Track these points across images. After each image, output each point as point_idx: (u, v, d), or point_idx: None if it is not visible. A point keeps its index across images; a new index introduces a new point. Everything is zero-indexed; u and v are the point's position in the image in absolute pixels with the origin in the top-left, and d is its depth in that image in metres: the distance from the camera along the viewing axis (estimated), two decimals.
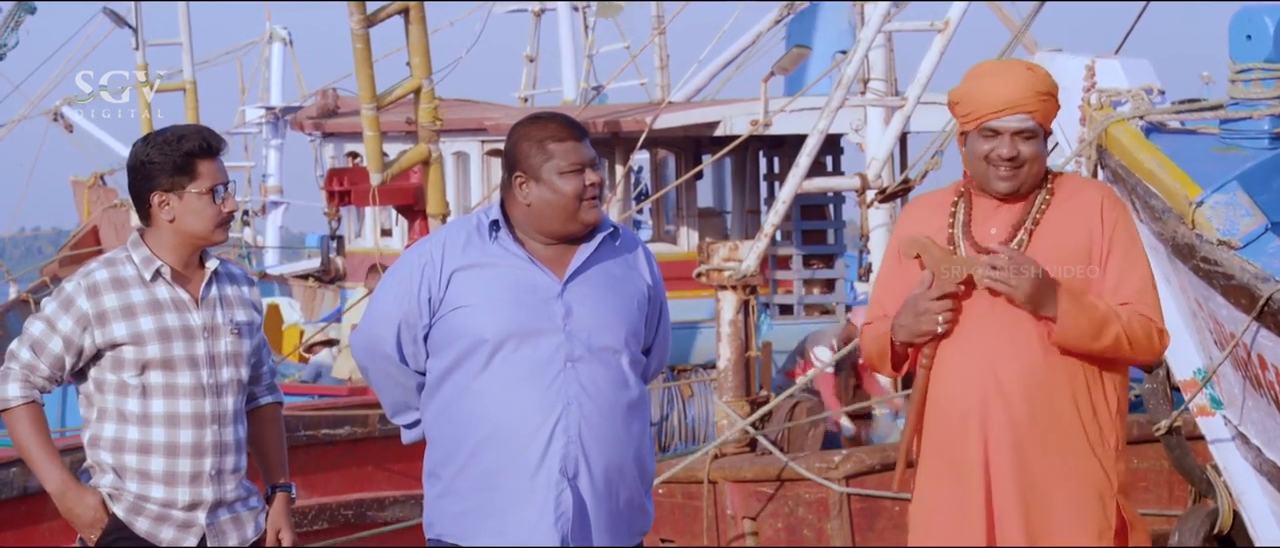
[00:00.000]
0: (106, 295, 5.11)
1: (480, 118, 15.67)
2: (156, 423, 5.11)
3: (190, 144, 5.14)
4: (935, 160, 11.13)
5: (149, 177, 5.15)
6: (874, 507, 10.13)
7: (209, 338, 5.17)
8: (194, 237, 5.16)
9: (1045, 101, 5.09)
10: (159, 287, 5.15)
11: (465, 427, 5.13)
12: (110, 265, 5.17)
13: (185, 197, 5.13)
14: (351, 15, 12.18)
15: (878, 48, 12.44)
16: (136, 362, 5.10)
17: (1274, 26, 7.07)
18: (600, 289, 5.16)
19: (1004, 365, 5.03)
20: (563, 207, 5.13)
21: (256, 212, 25.62)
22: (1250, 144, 7.16)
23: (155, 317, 5.12)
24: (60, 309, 5.12)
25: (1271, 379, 6.55)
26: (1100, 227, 5.06)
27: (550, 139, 5.14)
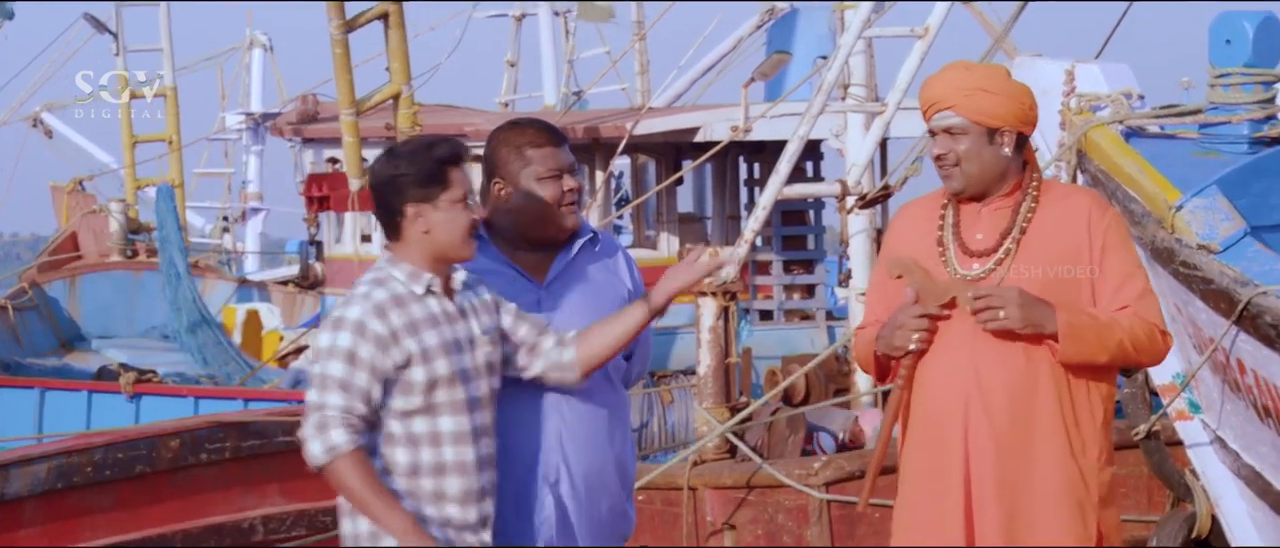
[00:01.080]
0: (392, 313, 4.85)
1: (460, 123, 15.66)
2: (447, 442, 4.89)
3: (441, 151, 4.88)
4: (915, 166, 11.13)
5: (400, 189, 4.86)
6: (854, 514, 10.11)
7: (472, 349, 4.96)
8: (447, 248, 4.90)
9: (973, 96, 5.05)
10: (430, 301, 4.91)
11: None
12: (380, 284, 4.90)
13: (439, 206, 4.86)
14: (331, 20, 12.16)
15: (858, 53, 12.43)
16: (426, 381, 4.86)
17: (1253, 31, 7.08)
18: (580, 294, 5.15)
19: (987, 375, 5.02)
20: (541, 213, 5.12)
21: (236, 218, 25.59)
22: (1229, 149, 7.16)
23: (436, 331, 4.88)
24: (355, 337, 4.82)
25: (1250, 384, 6.55)
26: (1090, 233, 5.05)
27: (528, 145, 5.12)
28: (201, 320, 15.86)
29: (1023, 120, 5.09)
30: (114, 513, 9.69)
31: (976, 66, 5.18)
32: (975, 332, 5.02)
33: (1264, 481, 6.78)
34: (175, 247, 15.70)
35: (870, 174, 12.81)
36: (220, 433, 9.90)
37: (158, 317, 16.58)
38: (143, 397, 12.44)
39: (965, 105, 5.05)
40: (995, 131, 5.07)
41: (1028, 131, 5.12)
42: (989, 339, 5.01)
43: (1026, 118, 5.10)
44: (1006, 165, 5.08)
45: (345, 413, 4.80)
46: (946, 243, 5.13)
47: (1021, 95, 5.11)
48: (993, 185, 5.09)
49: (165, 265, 15.80)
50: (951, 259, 5.11)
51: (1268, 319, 6.20)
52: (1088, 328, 4.97)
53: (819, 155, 15.39)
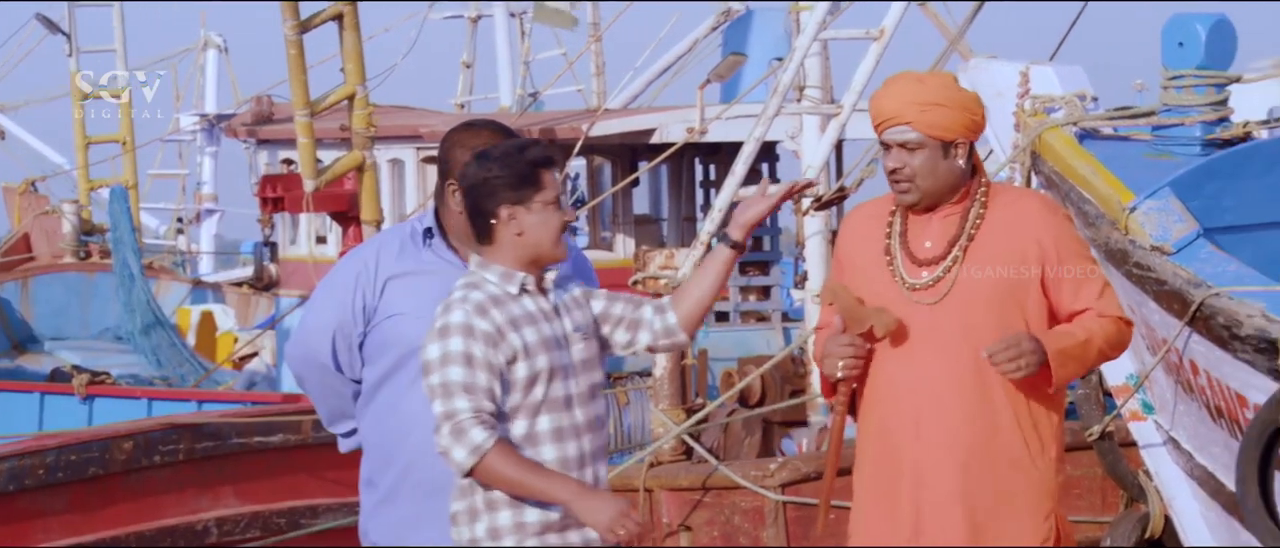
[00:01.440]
0: (494, 312, 4.83)
1: (416, 124, 15.62)
2: (545, 441, 4.87)
3: (533, 154, 4.86)
4: (871, 168, 11.13)
5: (493, 191, 4.84)
6: (810, 515, 10.12)
7: (569, 346, 4.93)
8: (540, 250, 4.88)
9: (926, 111, 5.03)
10: (526, 299, 4.89)
11: (402, 434, 5.10)
12: (474, 287, 4.87)
13: (533, 208, 4.85)
14: (285, 21, 12.11)
15: (814, 55, 12.44)
16: (527, 378, 4.83)
17: (1205, 33, 7.11)
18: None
19: (938, 384, 5.03)
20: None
21: (191, 219, 25.50)
22: (1182, 151, 7.19)
23: (535, 328, 4.85)
24: (465, 340, 4.79)
25: (1203, 385, 6.58)
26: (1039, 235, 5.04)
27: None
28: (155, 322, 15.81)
29: (974, 130, 5.09)
30: (67, 515, 9.65)
31: (928, 78, 5.15)
32: (925, 342, 5.03)
33: (1216, 481, 6.80)
34: (129, 248, 15.63)
35: (826, 176, 12.83)
36: (174, 435, 9.88)
37: (111, 318, 16.51)
38: (96, 399, 12.39)
39: (920, 120, 5.04)
40: (950, 144, 5.06)
41: (976, 139, 5.12)
42: (939, 349, 5.02)
43: (977, 127, 5.10)
44: (960, 176, 5.08)
45: (476, 413, 4.77)
46: (894, 252, 5.12)
47: (971, 105, 5.09)
48: (946, 196, 5.09)
49: (119, 267, 15.73)
50: (899, 268, 5.11)
51: (1220, 320, 6.23)
52: (1072, 353, 4.98)
53: (775, 157, 15.39)
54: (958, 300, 5.03)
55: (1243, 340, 6.20)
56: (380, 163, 15.53)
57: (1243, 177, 6.98)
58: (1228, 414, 6.52)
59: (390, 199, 15.63)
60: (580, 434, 4.91)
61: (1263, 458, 6.25)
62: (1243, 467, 6.30)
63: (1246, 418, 6.34)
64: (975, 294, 5.02)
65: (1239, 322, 6.20)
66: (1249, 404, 6.35)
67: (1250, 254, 6.72)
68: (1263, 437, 6.20)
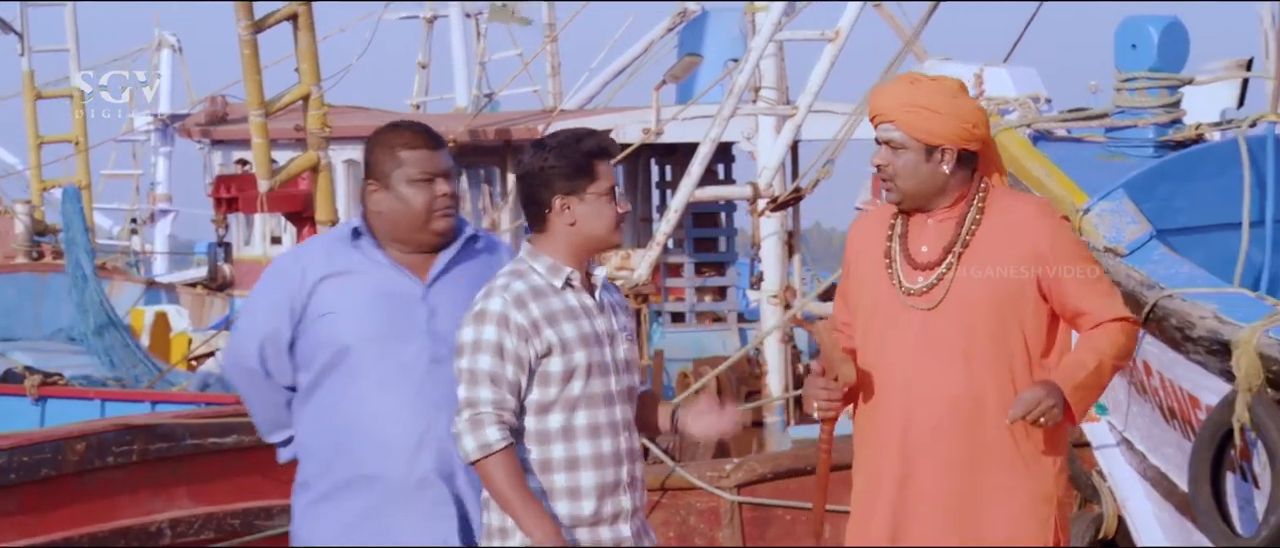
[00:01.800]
0: (532, 305, 4.86)
1: (371, 125, 15.54)
2: (581, 436, 4.90)
3: (589, 145, 4.90)
4: (826, 169, 11.16)
5: (547, 181, 4.88)
6: (766, 515, 10.13)
7: (611, 344, 4.97)
8: (594, 240, 4.93)
9: (914, 113, 5.03)
10: (569, 294, 4.93)
11: (337, 435, 5.08)
12: (518, 276, 4.91)
13: (586, 199, 4.90)
14: (239, 21, 12.06)
15: (769, 56, 12.46)
16: (563, 372, 4.86)
17: (1158, 35, 7.13)
18: (464, 290, 5.10)
19: (926, 391, 5.03)
20: (412, 216, 5.09)
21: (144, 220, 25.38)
22: (1135, 152, 7.21)
23: (574, 324, 4.89)
24: (499, 330, 4.83)
25: (1156, 386, 6.60)
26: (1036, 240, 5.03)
27: (403, 147, 5.08)
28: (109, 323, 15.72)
29: (966, 139, 5.05)
30: (19, 517, 9.58)
31: (925, 81, 5.15)
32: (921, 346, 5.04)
33: (1169, 482, 6.83)
34: (82, 249, 15.53)
35: (782, 177, 12.85)
36: (127, 436, 9.81)
37: (64, 319, 16.40)
38: (48, 399, 12.30)
39: (905, 121, 5.05)
40: (934, 149, 5.05)
41: (974, 148, 5.08)
42: (934, 353, 5.02)
43: (970, 136, 5.06)
44: (944, 183, 5.06)
45: (497, 408, 4.83)
46: (893, 255, 5.13)
47: (967, 115, 5.06)
48: (932, 200, 5.08)
49: (72, 267, 15.62)
50: (897, 271, 5.11)
51: (1173, 322, 6.26)
52: (1088, 384, 4.98)
53: (731, 158, 15.41)
54: (953, 305, 5.03)
55: (1195, 342, 6.23)
56: (335, 163, 15.48)
57: (1195, 178, 7.01)
58: (1180, 415, 6.55)
59: (346, 200, 15.60)
60: (618, 432, 4.95)
61: (1214, 459, 6.28)
62: (1195, 468, 6.32)
63: (1199, 419, 6.37)
64: (970, 299, 5.02)
65: (1192, 323, 6.22)
66: (1201, 405, 6.38)
67: (1203, 256, 6.74)
68: (1214, 438, 6.23)
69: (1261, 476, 6.19)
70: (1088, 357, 5.00)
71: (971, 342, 5.01)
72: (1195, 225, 6.98)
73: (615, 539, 4.94)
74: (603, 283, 5.02)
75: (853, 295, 5.20)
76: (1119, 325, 5.04)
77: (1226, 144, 7.16)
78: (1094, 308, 5.03)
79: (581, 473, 4.91)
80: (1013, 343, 5.03)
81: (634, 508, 4.99)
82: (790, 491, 10.16)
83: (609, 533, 4.93)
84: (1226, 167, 7.05)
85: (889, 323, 5.08)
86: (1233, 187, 7.02)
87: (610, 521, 4.93)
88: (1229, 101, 8.30)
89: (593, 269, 5.01)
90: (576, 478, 4.91)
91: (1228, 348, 6.08)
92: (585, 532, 4.91)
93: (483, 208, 15.63)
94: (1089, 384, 4.99)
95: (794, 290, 13.15)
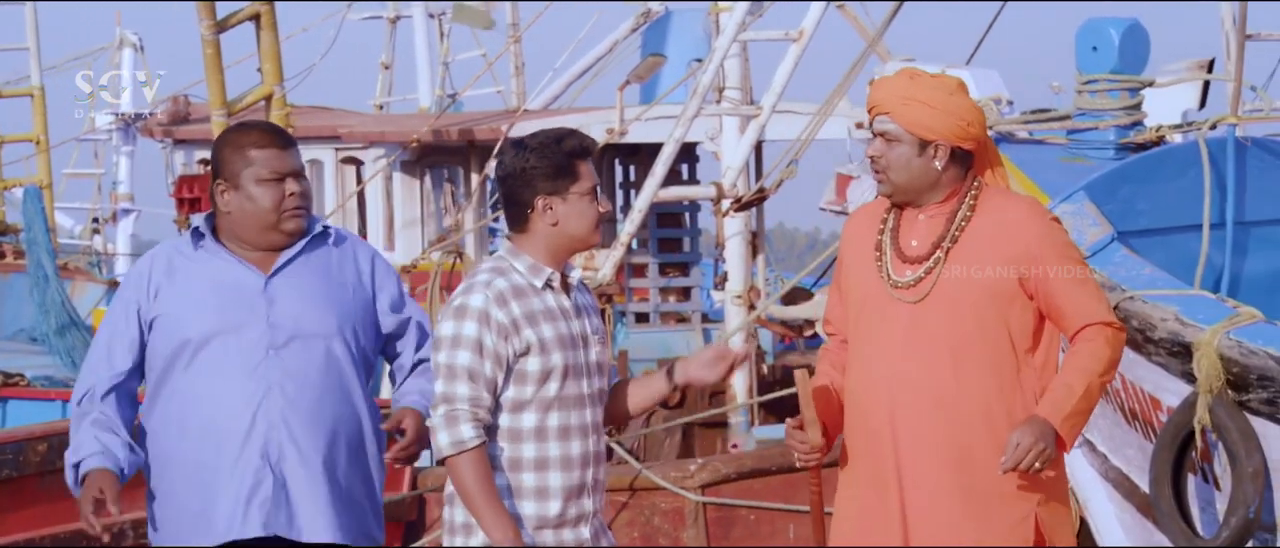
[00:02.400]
0: (513, 303, 4.87)
1: (334, 125, 15.53)
2: (552, 437, 4.91)
3: (570, 144, 4.93)
4: (790, 169, 11.16)
5: (529, 181, 4.91)
6: (730, 516, 10.14)
7: (585, 347, 4.99)
8: (575, 240, 4.95)
9: (908, 105, 5.05)
10: (548, 295, 4.94)
11: (174, 428, 5.08)
12: (500, 274, 4.92)
13: (568, 199, 4.92)
14: (201, 20, 12.01)
15: (733, 57, 12.45)
16: (540, 372, 4.88)
17: (1119, 38, 7.16)
18: (307, 280, 5.13)
19: (912, 385, 5.05)
20: (261, 215, 5.10)
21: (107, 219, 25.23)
22: (1097, 154, 7.24)
23: (553, 325, 4.91)
24: (480, 326, 4.83)
25: (1117, 387, 6.62)
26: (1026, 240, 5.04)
27: (252, 146, 5.09)
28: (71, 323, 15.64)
29: (960, 136, 5.07)
30: None
31: (924, 76, 5.17)
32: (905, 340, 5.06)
33: (1131, 483, 6.85)
34: (43, 248, 15.46)
35: (745, 177, 12.85)
36: None
37: (25, 320, 16.32)
38: (9, 400, 12.26)
39: (900, 113, 5.06)
40: (928, 144, 5.06)
41: (968, 147, 5.09)
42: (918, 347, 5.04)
43: (965, 135, 5.08)
44: (937, 178, 5.08)
45: (473, 405, 4.83)
46: (883, 248, 5.15)
47: (962, 112, 5.08)
48: (924, 194, 5.10)
49: (33, 267, 15.55)
50: (887, 265, 5.13)
51: (1135, 324, 6.28)
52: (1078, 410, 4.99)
53: (694, 158, 15.39)
54: (939, 300, 5.05)
55: (1156, 343, 6.25)
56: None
57: (1156, 180, 7.04)
58: (1142, 417, 6.57)
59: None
60: (587, 434, 4.97)
61: (1176, 461, 6.30)
62: (1156, 469, 6.35)
63: (1160, 421, 6.39)
64: (956, 295, 5.04)
65: (1153, 325, 6.24)
66: (1163, 407, 6.40)
67: (1164, 257, 6.78)
68: (1176, 439, 6.25)
69: (1222, 477, 6.22)
70: (1075, 380, 5.00)
71: (957, 336, 5.03)
72: (1156, 227, 7.01)
73: (577, 541, 4.96)
74: (577, 284, 5.04)
75: (844, 287, 5.24)
76: (1103, 336, 5.03)
77: (1187, 146, 7.20)
78: (1078, 311, 5.04)
79: (550, 473, 4.92)
80: (999, 340, 5.05)
81: (594, 510, 5.02)
82: (755, 491, 10.16)
83: (571, 535, 4.95)
84: (1187, 168, 7.08)
85: (877, 315, 5.11)
86: (1194, 189, 7.05)
87: (573, 523, 4.95)
88: (1191, 103, 8.34)
89: (569, 271, 5.03)
90: (545, 478, 4.92)
91: (1189, 350, 6.10)
92: (550, 533, 4.93)
93: (444, 208, 15.59)
94: (1079, 411, 4.99)
95: (758, 291, 13.14)
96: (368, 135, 15.14)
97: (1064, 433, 4.97)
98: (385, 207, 15.20)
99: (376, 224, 15.23)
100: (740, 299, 12.60)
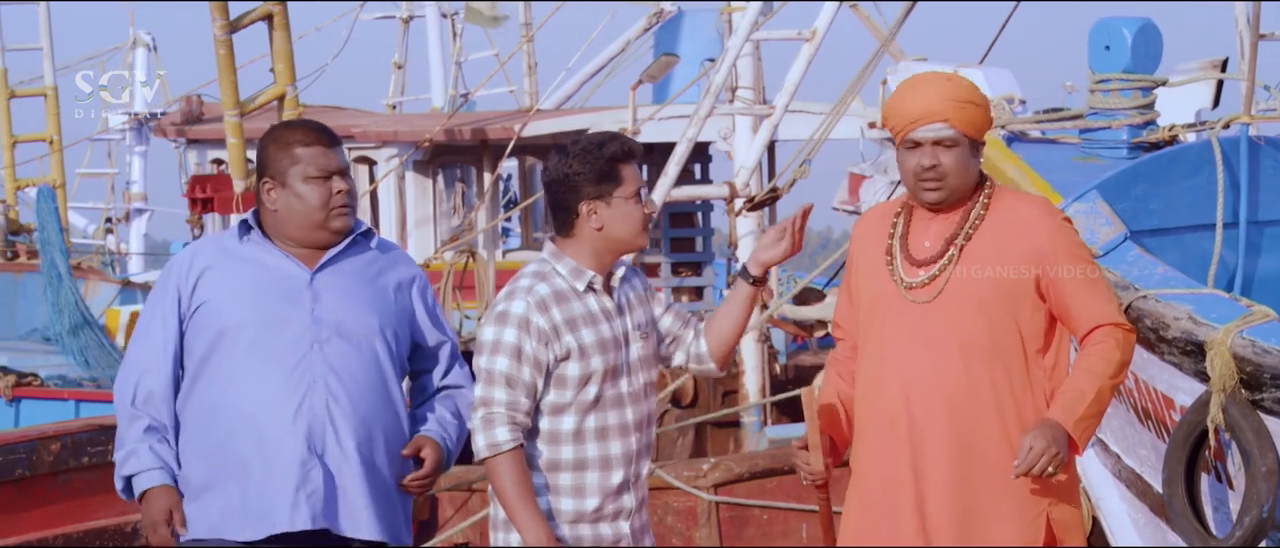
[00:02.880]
0: (554, 309, 4.95)
1: (347, 125, 15.53)
2: (590, 439, 4.99)
3: (612, 149, 5.01)
4: (803, 169, 11.15)
5: (574, 187, 4.98)
6: (743, 515, 10.13)
7: (628, 345, 5.05)
8: (621, 243, 5.02)
9: (964, 109, 5.08)
10: (590, 298, 5.00)
11: (213, 418, 5.06)
12: (542, 279, 4.99)
13: (613, 203, 4.97)
14: (214, 20, 12.01)
15: (746, 56, 12.45)
16: (580, 377, 4.96)
17: (1132, 37, 7.13)
18: (350, 279, 5.13)
19: (922, 384, 5.06)
20: (308, 214, 5.10)
21: (120, 219, 25.26)
22: (1109, 153, 7.21)
23: (593, 329, 4.98)
24: (520, 333, 4.91)
25: (1130, 387, 6.60)
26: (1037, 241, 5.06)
27: (298, 144, 5.10)
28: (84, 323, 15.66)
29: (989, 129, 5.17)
30: None
31: (956, 77, 5.21)
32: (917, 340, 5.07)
33: (1144, 483, 6.83)
34: (57, 248, 15.46)
35: (758, 177, 12.83)
36: (102, 436, 9.79)
37: (39, 319, 16.33)
38: (22, 400, 12.26)
39: (958, 117, 5.08)
40: (978, 143, 5.13)
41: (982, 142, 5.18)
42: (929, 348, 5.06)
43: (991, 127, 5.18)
44: (978, 173, 5.15)
45: (510, 409, 4.90)
46: (894, 251, 5.17)
47: (989, 105, 5.17)
48: (967, 194, 5.13)
49: (46, 267, 15.55)
50: (898, 267, 5.15)
51: (1147, 323, 6.26)
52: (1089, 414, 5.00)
53: (707, 158, 15.38)
54: (950, 301, 5.07)
55: (1170, 343, 6.23)
56: None
57: (1169, 179, 7.02)
58: (1155, 416, 6.55)
59: None
60: (628, 433, 5.02)
61: (1189, 460, 6.28)
62: (1169, 469, 6.32)
63: (1173, 420, 6.37)
64: (967, 295, 5.05)
65: (1166, 324, 6.23)
66: (1176, 406, 6.38)
67: (1177, 257, 6.76)
68: (1189, 439, 6.23)
69: (1236, 477, 6.20)
70: (1086, 383, 5.01)
71: (968, 337, 5.04)
72: (1169, 227, 6.99)
73: (615, 536, 5.02)
74: (623, 276, 5.08)
75: (855, 289, 5.25)
76: (1113, 338, 5.03)
77: (1200, 145, 7.17)
78: (1088, 312, 5.04)
79: (587, 474, 4.99)
80: (1009, 340, 5.06)
81: (635, 507, 5.07)
82: (767, 491, 10.15)
83: (609, 530, 5.01)
84: (1200, 168, 7.06)
85: (889, 316, 5.12)
86: (1207, 188, 7.03)
87: (611, 517, 5.01)
88: (1204, 103, 8.31)
89: (615, 268, 5.08)
90: (582, 478, 4.99)
91: (1202, 349, 6.08)
92: (587, 527, 4.99)
93: (456, 207, 15.59)
94: (1091, 415, 5.00)
95: (770, 291, 13.13)
96: (380, 135, 15.14)
97: (1076, 437, 4.97)
98: (398, 206, 15.19)
99: (389, 224, 15.23)
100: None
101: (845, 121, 11.26)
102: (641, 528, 5.11)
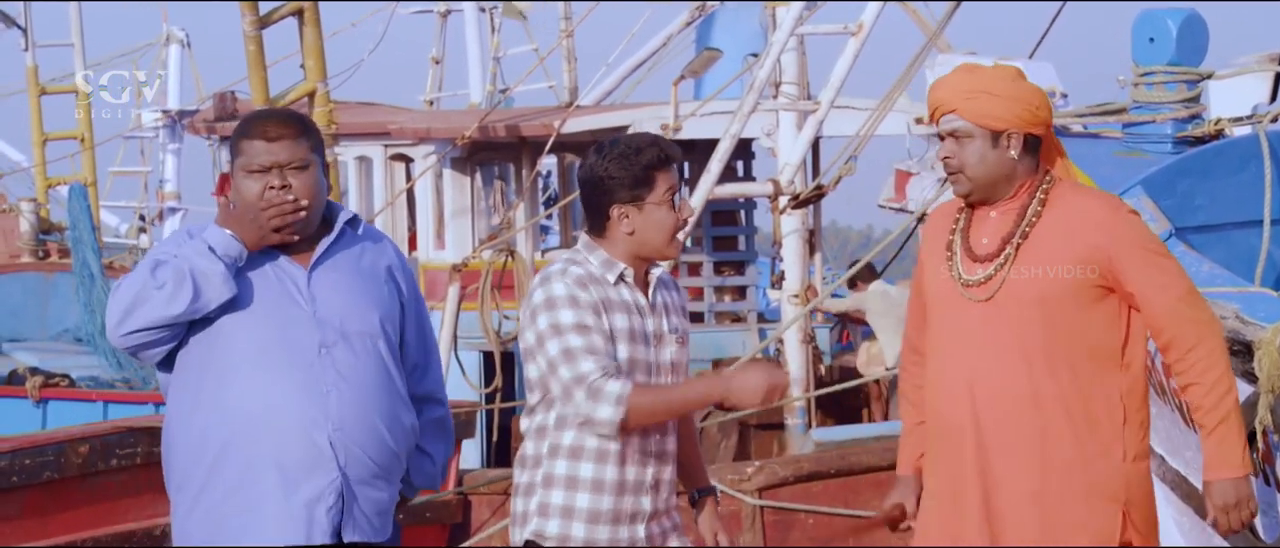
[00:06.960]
0: (592, 288, 4.95)
1: (384, 121, 15.44)
2: None
3: (648, 156, 5.00)
4: (849, 166, 11.07)
5: (608, 191, 5.00)
6: (788, 519, 10.08)
7: (658, 345, 5.04)
8: (651, 248, 5.02)
9: (973, 99, 5.02)
10: (623, 288, 5.01)
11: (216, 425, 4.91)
12: (574, 264, 5.00)
13: (645, 208, 5.00)
14: (244, 16, 11.93)
15: (790, 51, 12.34)
16: None
17: (1176, 29, 7.09)
18: (346, 274, 5.02)
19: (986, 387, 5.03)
20: (244, 211, 4.94)
21: (153, 217, 25.27)
22: (1154, 148, 7.17)
23: (626, 316, 4.98)
24: (572, 309, 4.90)
25: (1175, 388, 6.49)
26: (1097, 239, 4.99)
27: (245, 136, 4.96)
28: None
29: (1030, 122, 5.04)
30: (21, 520, 9.49)
31: (982, 68, 5.15)
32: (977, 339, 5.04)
33: (1189, 485, 6.74)
34: (89, 247, 15.40)
35: (803, 174, 12.71)
36: (130, 438, 9.72)
37: (71, 319, 16.29)
38: (50, 401, 12.23)
39: (967, 108, 5.03)
40: (1000, 134, 5.03)
41: (1038, 132, 5.06)
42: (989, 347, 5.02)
43: (1034, 120, 5.05)
44: (1013, 168, 5.05)
45: (603, 369, 4.85)
46: (954, 248, 5.14)
47: (1028, 97, 5.05)
48: (1000, 188, 5.07)
49: (78, 267, 15.49)
50: (957, 264, 5.12)
51: None
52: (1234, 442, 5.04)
53: (750, 154, 15.24)
54: (1007, 299, 5.03)
55: None
56: (347, 161, 15.34)
57: (1215, 175, 6.96)
58: None
59: (358, 196, 15.47)
60: (650, 432, 4.99)
61: None
62: None
63: None
64: (1024, 294, 5.02)
65: None
66: None
67: (1223, 254, 6.70)
68: None
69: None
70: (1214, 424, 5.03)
71: (1026, 336, 5.00)
72: (1215, 223, 6.97)
73: (631, 540, 5.00)
74: (659, 281, 5.09)
75: (923, 287, 5.24)
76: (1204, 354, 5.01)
77: (1247, 139, 7.11)
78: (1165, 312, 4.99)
79: (609, 467, 4.96)
80: (1071, 339, 5.01)
81: (654, 511, 5.04)
82: (813, 494, 10.08)
83: (626, 532, 4.99)
84: (1247, 162, 7.01)
85: (950, 315, 5.10)
86: (1254, 183, 6.99)
87: (629, 520, 4.99)
88: (1260, 96, 8.22)
89: (652, 268, 5.10)
90: (603, 471, 4.96)
91: (1250, 349, 5.99)
92: (605, 529, 4.96)
93: (494, 205, 15.47)
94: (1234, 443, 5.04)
95: (815, 290, 13.00)
96: (417, 132, 15.04)
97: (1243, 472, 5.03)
98: (435, 204, 15.09)
99: (426, 222, 15.12)
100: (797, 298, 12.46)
101: (892, 117, 11.15)
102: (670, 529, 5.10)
